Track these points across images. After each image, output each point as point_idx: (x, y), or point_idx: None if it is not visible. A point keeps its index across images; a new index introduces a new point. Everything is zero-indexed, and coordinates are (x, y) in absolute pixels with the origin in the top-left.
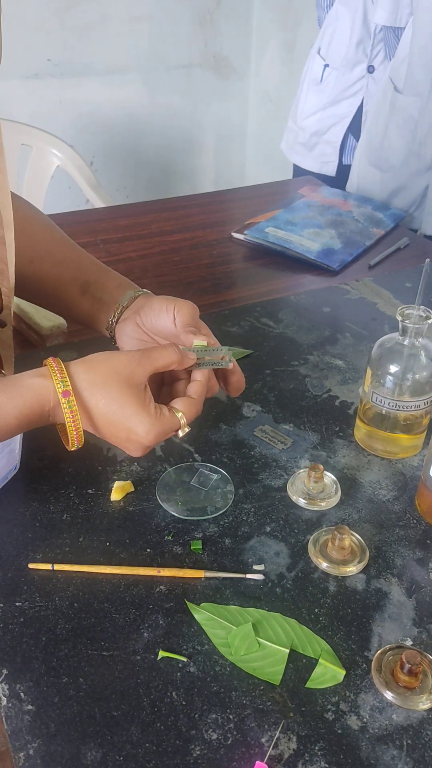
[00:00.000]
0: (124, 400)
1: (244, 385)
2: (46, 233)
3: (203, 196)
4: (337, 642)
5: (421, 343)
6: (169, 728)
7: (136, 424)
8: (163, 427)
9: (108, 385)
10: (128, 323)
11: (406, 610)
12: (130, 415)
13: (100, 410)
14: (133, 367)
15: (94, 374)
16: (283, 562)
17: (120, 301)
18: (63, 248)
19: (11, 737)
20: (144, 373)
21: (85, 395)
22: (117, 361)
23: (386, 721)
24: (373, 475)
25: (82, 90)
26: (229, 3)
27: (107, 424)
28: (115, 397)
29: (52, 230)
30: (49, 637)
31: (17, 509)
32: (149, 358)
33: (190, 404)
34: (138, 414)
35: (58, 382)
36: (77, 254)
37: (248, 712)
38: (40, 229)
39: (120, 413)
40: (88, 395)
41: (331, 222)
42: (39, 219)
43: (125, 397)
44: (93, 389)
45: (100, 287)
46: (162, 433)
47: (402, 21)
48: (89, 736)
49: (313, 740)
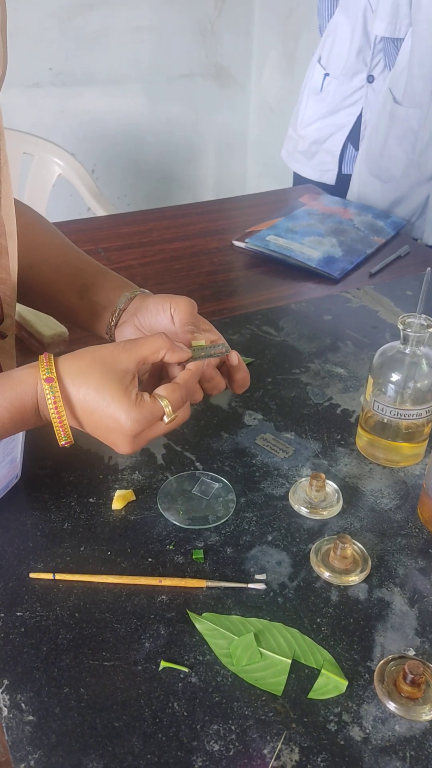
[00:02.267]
0: (105, 385)
1: (249, 382)
2: (46, 238)
3: (204, 205)
4: (340, 652)
5: (422, 352)
6: (170, 739)
7: (115, 410)
8: (143, 413)
9: (90, 370)
10: (127, 326)
11: (409, 620)
12: (110, 401)
13: (81, 397)
14: (117, 354)
15: (78, 361)
16: (285, 571)
17: (117, 303)
18: (62, 252)
19: (12, 748)
20: (129, 359)
21: (67, 382)
22: (103, 349)
23: (389, 732)
24: (374, 484)
25: (83, 99)
26: (230, 13)
27: (88, 413)
28: (95, 383)
29: (52, 235)
30: (50, 647)
31: (18, 518)
32: (135, 344)
33: (174, 390)
34: (117, 399)
35: (43, 370)
36: (76, 257)
37: (250, 723)
38: (39, 234)
39: (99, 399)
40: (70, 382)
41: (331, 230)
42: (39, 224)
43: (106, 382)
44: (75, 376)
45: (98, 290)
46: (143, 419)
47: (401, 32)
48: (90, 747)
49: (316, 751)
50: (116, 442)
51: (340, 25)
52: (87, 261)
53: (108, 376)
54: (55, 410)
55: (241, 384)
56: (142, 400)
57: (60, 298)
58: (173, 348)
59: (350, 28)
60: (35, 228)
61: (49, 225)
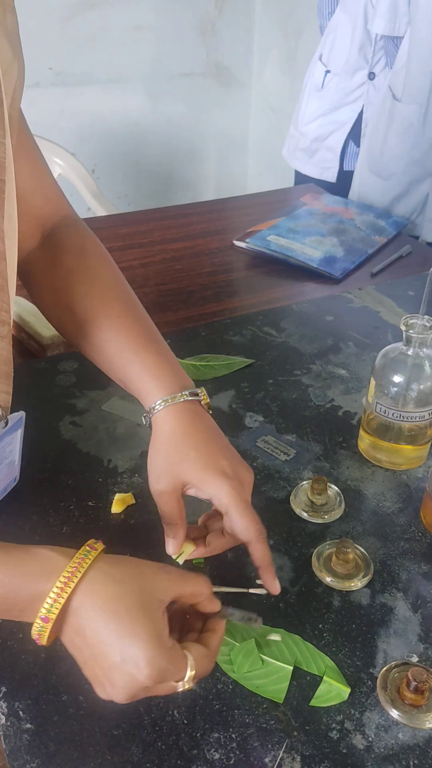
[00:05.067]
0: (140, 612)
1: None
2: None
3: (205, 205)
4: (342, 659)
5: (425, 353)
6: (170, 747)
7: (139, 646)
8: (169, 666)
9: (128, 584)
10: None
11: (412, 626)
12: (139, 632)
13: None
14: (160, 580)
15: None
16: (287, 576)
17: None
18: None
19: (10, 756)
20: (170, 590)
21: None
22: (145, 566)
23: (392, 740)
24: (377, 487)
25: (84, 99)
26: (230, 12)
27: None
28: (127, 605)
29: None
30: (49, 654)
31: (17, 521)
32: (182, 578)
33: (206, 657)
34: (148, 634)
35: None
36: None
37: (251, 731)
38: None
39: (127, 624)
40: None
41: (333, 230)
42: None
43: (142, 609)
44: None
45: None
46: (163, 672)
47: (400, 30)
48: (89, 755)
49: (318, 760)
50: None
51: (341, 22)
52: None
53: (145, 603)
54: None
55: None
56: (173, 649)
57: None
58: (211, 599)
59: (351, 25)
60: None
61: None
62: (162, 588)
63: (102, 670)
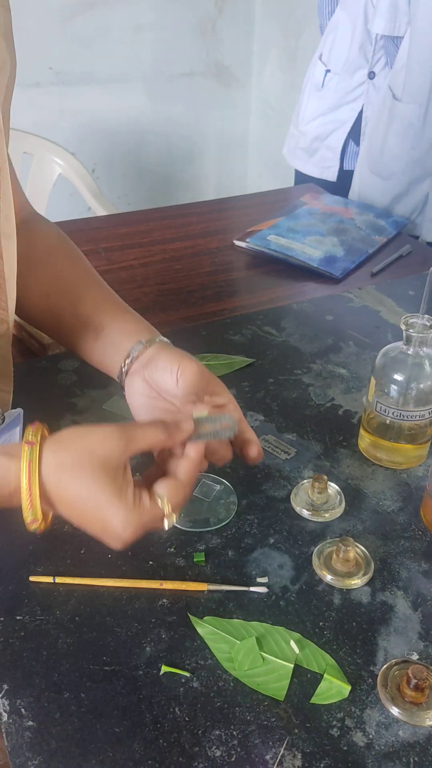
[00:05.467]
0: (97, 486)
1: (261, 455)
2: (67, 266)
3: (205, 204)
4: (342, 656)
5: (425, 352)
6: (172, 745)
7: (110, 516)
8: (142, 519)
9: (78, 467)
10: (136, 378)
11: (412, 624)
12: (104, 504)
13: (69, 497)
14: (110, 447)
15: (63, 454)
16: (287, 574)
17: (130, 351)
18: (83, 284)
19: (11, 754)
20: (122, 453)
21: (51, 480)
22: (92, 438)
23: (392, 737)
24: (377, 486)
25: (83, 98)
26: (230, 12)
27: (77, 514)
28: (86, 483)
29: (74, 262)
30: (50, 652)
31: (18, 521)
32: (130, 437)
33: (176, 488)
34: (112, 503)
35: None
36: (96, 292)
37: (252, 729)
38: (62, 261)
39: (91, 502)
40: (55, 480)
41: (333, 229)
42: (63, 250)
43: (98, 482)
44: (60, 473)
45: (113, 333)
46: (141, 526)
47: (400, 30)
48: (91, 752)
49: (318, 757)
50: (110, 542)
51: (341, 22)
52: (108, 297)
53: (100, 476)
54: (29, 505)
55: (255, 457)
56: (141, 503)
57: (75, 333)
58: (172, 436)
59: (351, 24)
60: (56, 254)
61: (73, 250)
62: (115, 454)
63: (95, 536)
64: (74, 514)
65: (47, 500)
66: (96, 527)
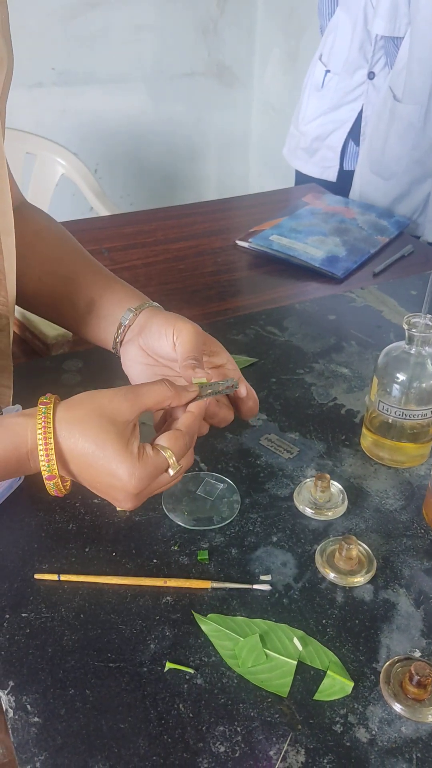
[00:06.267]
0: (104, 438)
1: (257, 408)
2: (56, 247)
3: (207, 204)
4: (345, 653)
5: (427, 352)
6: (176, 741)
7: (116, 466)
8: (147, 469)
9: (89, 421)
10: (131, 345)
11: (415, 621)
12: (110, 456)
13: (78, 450)
14: (118, 403)
15: (75, 410)
16: (290, 572)
17: (121, 320)
18: (71, 262)
19: (18, 750)
20: (131, 410)
21: (62, 435)
22: (102, 397)
23: (395, 733)
24: (379, 485)
25: (85, 99)
26: (232, 12)
27: (86, 467)
28: (94, 436)
29: (62, 243)
30: (56, 649)
31: (23, 519)
32: (138, 393)
33: (177, 438)
34: (118, 454)
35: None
36: (86, 267)
37: (256, 725)
38: (49, 243)
39: (99, 454)
40: (66, 434)
41: (335, 229)
42: (50, 231)
43: (105, 435)
44: (71, 427)
45: (105, 304)
46: (147, 475)
47: (401, 31)
48: (96, 748)
49: (322, 753)
50: (117, 498)
51: (341, 22)
52: (96, 271)
53: (108, 429)
54: (46, 459)
55: (249, 413)
56: (145, 454)
57: (69, 311)
58: (178, 394)
59: (351, 24)
60: (45, 236)
61: (61, 231)
62: (123, 408)
63: (105, 494)
64: (83, 469)
65: (61, 458)
66: (104, 481)
